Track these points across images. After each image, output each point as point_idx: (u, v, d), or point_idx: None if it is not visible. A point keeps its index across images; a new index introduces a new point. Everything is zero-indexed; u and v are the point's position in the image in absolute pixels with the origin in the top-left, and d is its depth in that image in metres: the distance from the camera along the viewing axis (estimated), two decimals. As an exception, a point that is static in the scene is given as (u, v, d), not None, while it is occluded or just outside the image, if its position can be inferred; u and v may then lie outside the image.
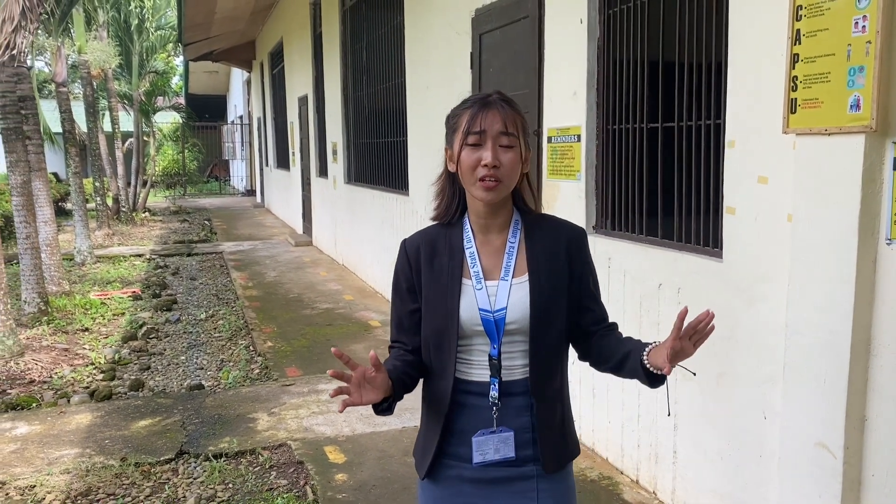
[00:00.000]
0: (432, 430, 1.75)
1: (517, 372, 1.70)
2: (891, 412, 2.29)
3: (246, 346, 6.35)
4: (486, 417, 1.69)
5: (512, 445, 1.69)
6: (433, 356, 1.74)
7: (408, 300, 1.77)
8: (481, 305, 1.67)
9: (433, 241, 1.76)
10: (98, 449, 4.17)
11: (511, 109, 1.68)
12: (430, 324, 1.73)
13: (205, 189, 28.09)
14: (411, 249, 1.78)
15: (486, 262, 1.71)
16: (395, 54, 7.37)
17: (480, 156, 1.64)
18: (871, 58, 2.20)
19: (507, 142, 1.65)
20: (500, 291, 1.68)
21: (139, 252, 11.85)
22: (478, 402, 1.70)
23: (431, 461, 1.74)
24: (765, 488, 2.80)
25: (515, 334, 1.68)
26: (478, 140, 1.65)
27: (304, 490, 3.67)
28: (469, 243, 1.73)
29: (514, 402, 1.70)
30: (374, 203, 8.39)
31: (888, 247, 2.26)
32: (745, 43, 2.79)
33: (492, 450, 1.69)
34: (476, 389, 1.70)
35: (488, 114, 1.65)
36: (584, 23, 3.82)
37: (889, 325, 2.28)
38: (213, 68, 23.34)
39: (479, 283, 1.69)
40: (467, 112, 1.69)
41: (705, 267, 3.06)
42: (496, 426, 1.68)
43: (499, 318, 1.67)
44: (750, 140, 2.78)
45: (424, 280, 1.74)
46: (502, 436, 1.69)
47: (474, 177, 1.65)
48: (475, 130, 1.65)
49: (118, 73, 17.55)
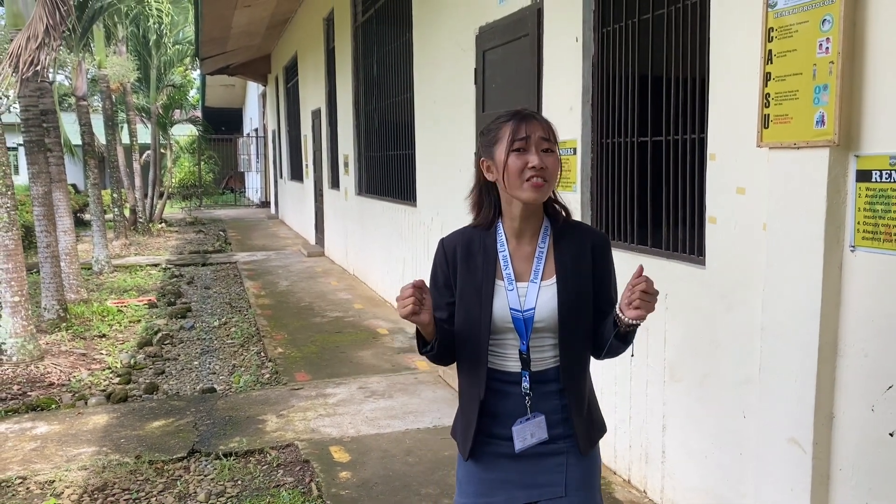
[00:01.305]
0: (470, 413, 1.92)
1: (547, 362, 1.88)
2: (856, 409, 2.43)
3: (257, 352, 6.54)
4: (519, 404, 1.88)
5: (544, 428, 1.87)
6: (466, 348, 1.91)
7: (445, 293, 1.95)
8: (512, 305, 1.85)
9: (469, 242, 1.93)
10: (114, 447, 4.35)
11: (546, 121, 1.86)
12: (463, 318, 1.90)
13: (220, 200, 28.44)
14: (449, 248, 1.95)
15: (518, 265, 1.88)
16: (404, 69, 7.58)
17: (527, 159, 1.79)
18: (833, 77, 2.36)
19: (547, 146, 1.82)
20: (530, 293, 1.86)
21: (155, 262, 12.11)
22: (510, 389, 1.88)
23: (473, 442, 1.91)
24: (744, 485, 2.93)
25: (543, 331, 1.85)
26: (523, 145, 1.80)
27: (310, 487, 3.83)
28: (503, 247, 1.89)
29: (544, 388, 1.88)
30: (384, 214, 8.58)
31: (852, 254, 2.41)
32: (724, 62, 2.96)
33: (529, 435, 1.87)
34: (508, 378, 1.88)
35: (530, 123, 1.82)
36: (580, 41, 3.99)
37: (854, 327, 2.42)
38: (229, 82, 23.70)
39: (511, 285, 1.86)
40: (508, 124, 1.83)
41: (690, 274, 3.22)
42: (530, 413, 1.87)
43: (528, 317, 1.84)
44: (729, 153, 2.94)
45: (460, 277, 1.91)
46: (536, 420, 1.87)
47: (522, 179, 1.80)
48: (521, 137, 1.80)
49: (137, 86, 17.92)
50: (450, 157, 6.19)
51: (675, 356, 3.34)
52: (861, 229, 2.38)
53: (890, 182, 2.28)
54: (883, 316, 2.33)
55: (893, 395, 2.31)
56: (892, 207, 2.28)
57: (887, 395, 2.32)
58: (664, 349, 3.41)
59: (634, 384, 3.65)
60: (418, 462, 4.09)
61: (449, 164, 6.22)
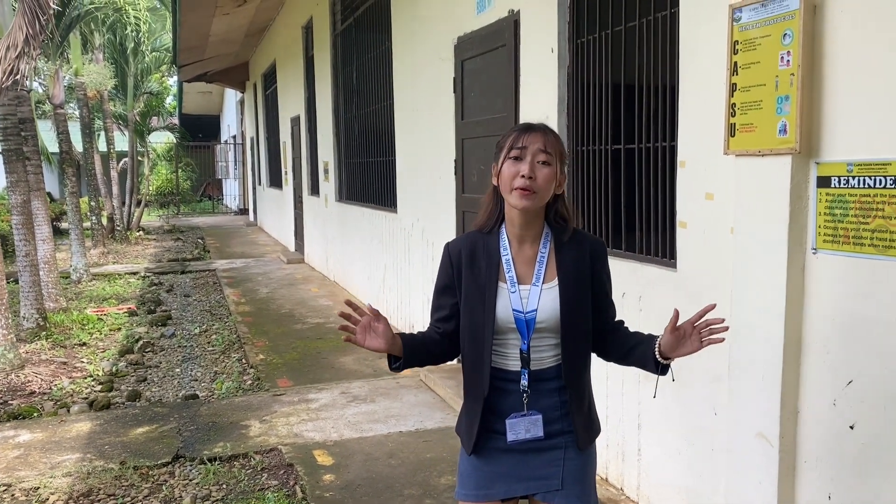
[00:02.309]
0: (474, 410, 2.02)
1: (547, 362, 1.99)
2: (819, 404, 2.55)
3: (239, 359, 6.58)
4: (518, 401, 1.98)
5: (540, 426, 1.98)
6: (470, 347, 2.01)
7: (448, 295, 2.05)
8: (514, 306, 1.95)
9: (473, 246, 2.03)
10: (98, 454, 4.39)
11: (552, 135, 1.96)
12: (468, 319, 2.00)
13: (198, 208, 28.31)
14: (454, 252, 2.05)
15: (520, 268, 1.99)
16: (384, 77, 7.67)
17: (519, 168, 1.90)
18: (794, 88, 2.49)
19: (544, 159, 1.91)
20: (532, 295, 1.96)
21: (134, 270, 12.07)
22: (511, 388, 1.98)
23: (476, 437, 2.01)
24: (716, 479, 3.04)
25: (544, 332, 1.96)
26: (519, 154, 1.91)
27: (294, 489, 3.90)
28: (505, 251, 1.99)
29: (544, 387, 1.99)
30: (364, 220, 8.65)
31: (814, 256, 2.54)
32: (693, 72, 3.08)
33: (523, 430, 1.97)
34: (510, 377, 1.98)
35: (531, 134, 1.93)
36: (555, 52, 4.11)
37: (816, 325, 2.55)
38: (207, 89, 23.63)
39: (514, 287, 1.96)
40: (514, 133, 1.96)
41: (662, 276, 3.33)
42: (526, 410, 1.97)
43: (530, 318, 1.95)
44: (698, 161, 3.06)
45: (465, 280, 2.01)
46: (532, 418, 1.97)
47: (511, 186, 1.91)
48: (518, 146, 1.92)
49: (114, 94, 17.84)
50: (430, 163, 6.29)
51: (649, 356, 3.45)
52: (822, 232, 2.50)
53: (847, 187, 2.40)
54: (843, 314, 2.45)
55: (854, 390, 2.43)
56: (850, 211, 2.40)
57: (848, 390, 2.44)
58: (639, 350, 3.51)
59: (611, 384, 3.75)
60: (401, 464, 4.17)
61: (429, 171, 6.31)
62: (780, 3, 2.53)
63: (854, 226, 2.39)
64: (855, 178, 2.38)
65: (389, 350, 1.97)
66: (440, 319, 2.08)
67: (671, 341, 1.94)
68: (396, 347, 1.98)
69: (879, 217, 2.31)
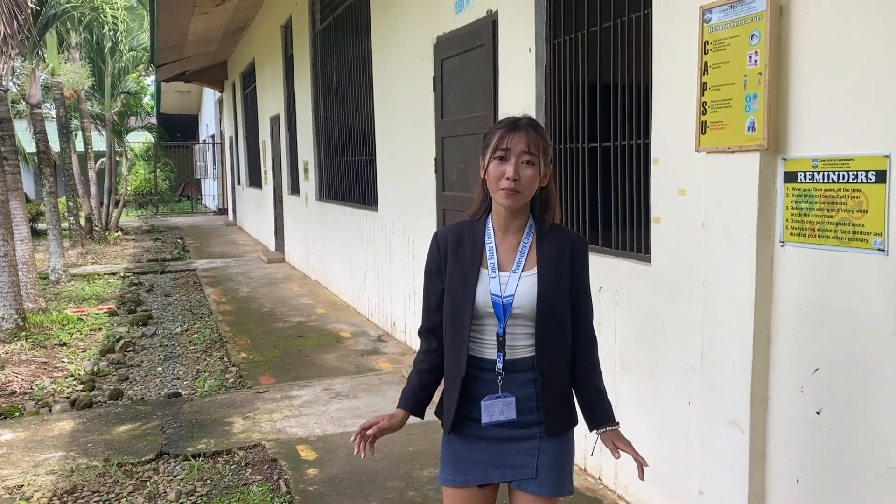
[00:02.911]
0: (451, 395, 2.11)
1: (520, 351, 2.06)
2: (787, 392, 2.65)
3: (220, 358, 6.60)
4: (493, 387, 2.06)
5: (513, 409, 2.05)
6: (450, 332, 2.10)
7: (437, 281, 2.14)
8: (493, 291, 2.03)
9: (460, 234, 2.12)
10: (81, 452, 4.40)
11: (536, 133, 2.02)
12: (450, 302, 2.09)
13: (177, 208, 28.13)
14: (441, 239, 2.14)
15: (503, 256, 2.07)
16: (364, 76, 7.71)
17: (504, 169, 1.98)
18: (762, 87, 2.58)
19: (527, 159, 1.99)
20: (511, 281, 2.04)
21: (113, 270, 12.01)
22: (488, 377, 2.07)
23: (453, 420, 2.11)
24: (690, 467, 3.14)
25: (519, 318, 2.03)
26: (504, 155, 1.99)
27: (278, 484, 3.95)
28: (490, 239, 2.09)
29: (519, 377, 2.06)
30: (345, 219, 8.69)
31: (782, 248, 2.63)
32: (665, 72, 3.17)
33: (497, 412, 2.06)
34: (487, 366, 2.06)
35: (515, 135, 2.00)
36: (533, 52, 4.19)
37: (784, 315, 2.64)
38: (185, 88, 23.49)
39: (494, 273, 2.05)
40: (499, 132, 2.03)
41: (637, 271, 3.42)
42: (500, 392, 2.05)
43: (507, 303, 2.02)
44: (671, 158, 3.15)
45: (450, 265, 2.10)
46: (505, 400, 2.05)
47: (498, 186, 2.00)
48: (502, 147, 1.99)
49: (91, 93, 17.70)
50: (411, 162, 6.35)
51: (624, 348, 3.54)
52: (789, 226, 2.60)
53: (813, 182, 2.50)
54: (809, 304, 2.55)
55: (820, 377, 2.53)
56: (815, 205, 2.50)
57: (815, 377, 2.54)
58: (615, 342, 3.61)
59: (588, 377, 3.83)
60: (384, 458, 4.23)
61: (410, 169, 6.37)
62: (748, 5, 2.62)
63: (819, 219, 2.49)
64: (819, 173, 2.47)
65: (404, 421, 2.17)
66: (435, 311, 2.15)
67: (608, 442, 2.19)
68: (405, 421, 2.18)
69: (843, 210, 2.41)
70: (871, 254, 2.33)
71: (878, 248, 2.31)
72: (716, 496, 2.89)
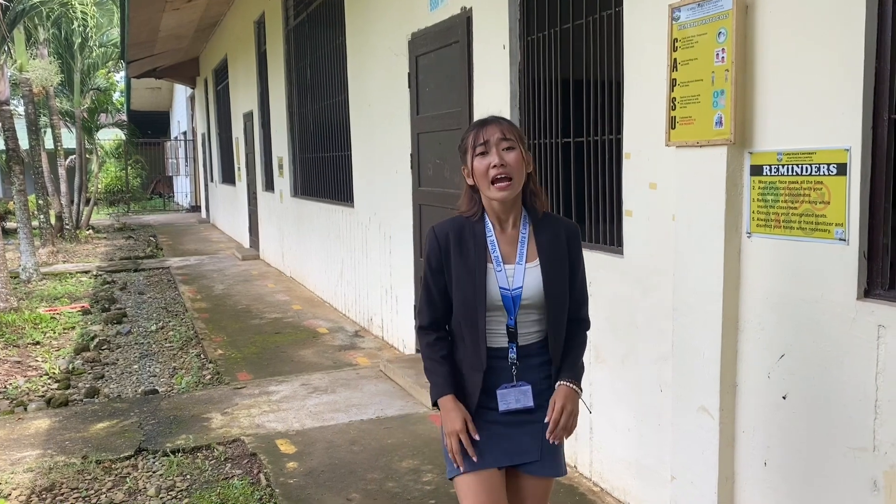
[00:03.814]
0: (473, 383, 2.16)
1: (531, 337, 2.15)
2: (755, 378, 2.74)
3: (197, 355, 6.59)
4: (507, 375, 2.14)
5: (530, 396, 2.14)
6: (463, 328, 2.15)
7: (439, 277, 2.17)
8: (501, 284, 2.10)
9: (460, 229, 2.16)
10: (59, 449, 4.40)
11: (506, 122, 2.12)
12: (461, 300, 2.13)
13: (149, 206, 27.85)
14: (441, 234, 2.16)
15: (504, 248, 2.13)
16: (338, 73, 7.73)
17: (488, 160, 2.04)
18: (728, 83, 2.67)
19: (507, 145, 2.05)
20: (517, 273, 2.11)
21: (85, 269, 11.89)
22: (501, 365, 2.14)
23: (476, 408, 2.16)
24: (663, 452, 3.23)
25: (529, 308, 2.12)
26: (484, 149, 2.06)
27: (258, 478, 3.98)
28: (490, 234, 2.14)
29: (531, 362, 2.16)
30: (321, 215, 8.70)
31: (749, 239, 2.72)
32: (636, 69, 3.25)
33: (513, 399, 2.14)
34: (499, 354, 2.14)
35: (488, 127, 2.08)
36: (507, 48, 4.25)
37: (751, 304, 2.74)
38: (156, 84, 23.27)
39: (499, 266, 2.11)
40: (472, 131, 2.11)
41: (610, 263, 3.50)
42: (516, 381, 2.14)
43: (516, 295, 2.10)
44: (642, 152, 3.23)
45: (454, 261, 2.13)
46: (521, 388, 2.14)
47: (488, 180, 2.06)
48: (480, 142, 2.07)
49: (60, 90, 17.46)
50: (386, 158, 6.38)
51: (598, 339, 3.62)
52: (755, 217, 2.69)
53: (778, 175, 2.59)
54: (775, 293, 2.64)
55: (786, 363, 2.62)
56: (780, 197, 2.59)
57: (781, 363, 2.64)
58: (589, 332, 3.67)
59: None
60: (363, 450, 4.28)
61: (386, 165, 6.41)
62: (715, 4, 2.71)
63: (784, 210, 2.58)
64: (784, 166, 2.57)
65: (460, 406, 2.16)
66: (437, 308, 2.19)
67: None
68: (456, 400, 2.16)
69: (806, 202, 2.50)
70: (833, 243, 2.42)
71: (839, 237, 2.40)
72: (687, 480, 2.98)
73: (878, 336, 2.30)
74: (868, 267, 2.36)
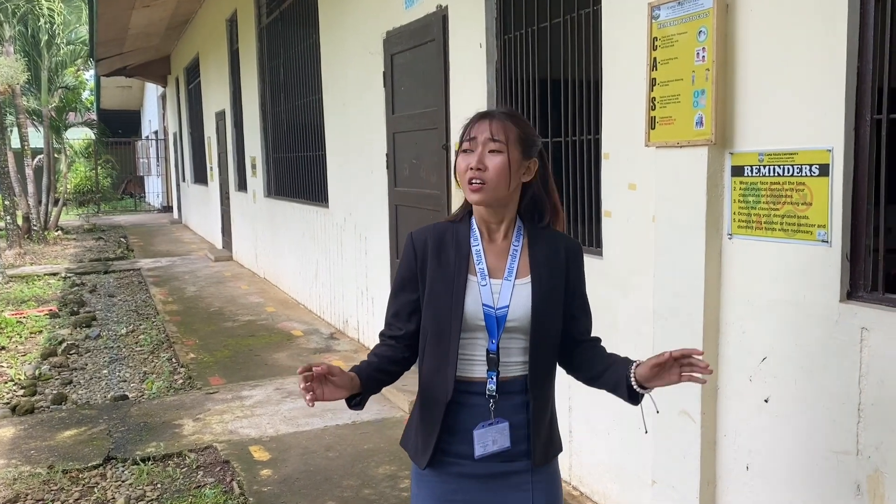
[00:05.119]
0: (430, 426, 1.82)
1: (514, 369, 1.81)
2: (736, 381, 2.72)
3: (168, 359, 6.45)
4: (482, 413, 1.79)
5: (507, 436, 1.79)
6: (432, 348, 1.82)
7: (409, 289, 1.87)
8: (485, 301, 1.78)
9: (441, 235, 1.86)
10: (24, 459, 4.26)
11: (503, 120, 1.80)
12: (432, 314, 1.81)
13: (119, 206, 27.41)
14: (419, 241, 1.87)
15: (492, 261, 1.83)
16: (312, 71, 7.62)
17: (469, 161, 1.78)
18: (709, 83, 2.63)
19: (494, 147, 1.76)
20: (504, 290, 1.79)
21: (54, 271, 11.64)
22: (474, 401, 1.79)
23: (431, 456, 1.82)
24: (644, 456, 3.19)
25: (514, 332, 1.79)
26: (469, 147, 1.79)
27: (231, 486, 3.88)
28: (476, 241, 1.84)
29: (511, 400, 1.81)
30: (295, 216, 8.59)
31: (730, 241, 2.69)
32: (615, 68, 3.21)
33: (490, 441, 1.79)
34: (476, 389, 1.79)
35: (481, 124, 1.80)
36: (484, 47, 4.19)
37: (733, 306, 2.71)
38: (126, 83, 22.92)
39: (484, 280, 1.80)
40: (466, 124, 1.84)
41: (589, 264, 3.41)
42: (493, 417, 1.79)
43: (500, 315, 1.78)
44: (621, 153, 3.19)
45: (430, 271, 1.83)
46: (498, 427, 1.79)
47: (465, 180, 1.78)
48: (467, 139, 1.80)
49: (27, 88, 17.11)
50: (362, 158, 6.30)
51: (578, 342, 3.57)
52: (736, 219, 2.66)
53: (759, 176, 2.56)
54: (757, 295, 2.61)
55: (768, 366, 2.59)
56: (761, 198, 2.56)
57: (762, 367, 2.61)
58: (569, 336, 3.64)
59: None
60: (339, 456, 4.20)
61: (361, 165, 6.32)
62: (696, 2, 2.67)
63: (766, 212, 2.55)
64: (766, 167, 2.54)
65: (350, 392, 1.78)
66: (400, 319, 1.88)
67: (648, 373, 1.76)
68: (355, 386, 1.79)
69: (788, 203, 2.48)
70: (815, 245, 2.39)
71: (822, 239, 2.38)
72: (668, 485, 2.95)
73: (861, 338, 2.27)
74: (851, 269, 2.34)
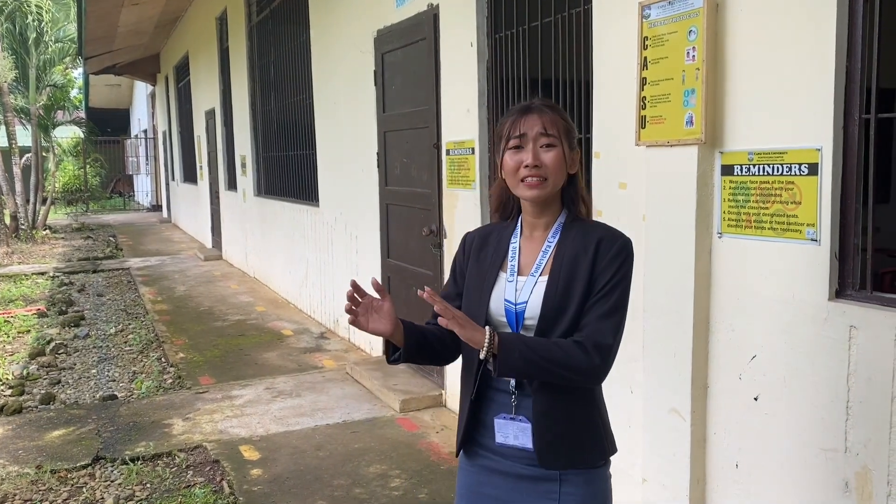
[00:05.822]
0: (462, 414, 1.87)
1: None
2: (726, 380, 2.73)
3: (158, 358, 6.42)
4: (506, 408, 1.78)
5: (529, 437, 1.75)
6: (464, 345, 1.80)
7: (452, 284, 1.94)
8: (507, 296, 1.78)
9: (487, 235, 1.91)
10: (11, 459, 4.23)
11: (551, 113, 1.76)
12: (465, 308, 1.84)
13: (108, 205, 27.27)
14: (469, 240, 1.94)
15: (525, 258, 1.81)
16: (302, 70, 7.60)
17: (521, 158, 1.73)
18: (699, 82, 2.64)
19: (547, 142, 1.73)
20: (526, 286, 1.77)
21: (42, 270, 11.57)
22: (500, 398, 1.79)
23: (462, 444, 1.88)
24: (634, 455, 3.19)
25: (532, 328, 1.75)
26: (518, 143, 1.74)
27: (221, 486, 3.87)
28: (515, 239, 1.84)
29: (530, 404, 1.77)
30: (285, 215, 8.57)
31: (720, 239, 2.70)
32: (605, 67, 3.21)
33: (511, 435, 1.78)
34: (501, 386, 1.78)
35: (528, 118, 1.74)
36: (474, 46, 4.19)
37: (722, 305, 2.72)
38: (115, 81, 22.76)
39: (512, 276, 1.79)
40: (510, 119, 1.78)
41: (580, 263, 3.46)
42: (514, 413, 1.77)
43: (520, 311, 1.76)
44: (612, 152, 3.20)
45: (470, 268, 1.89)
46: (521, 425, 1.76)
47: (517, 178, 1.75)
48: (515, 135, 1.74)
49: (14, 86, 16.99)
50: (352, 157, 6.29)
51: (569, 340, 3.58)
52: (726, 217, 2.67)
53: (749, 175, 2.57)
54: (746, 294, 2.62)
55: (757, 364, 2.60)
56: (751, 197, 2.57)
57: (752, 364, 2.62)
58: (559, 334, 3.64)
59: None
60: (329, 456, 4.19)
61: (352, 164, 6.31)
62: (686, 2, 2.68)
63: (755, 210, 2.56)
64: (755, 166, 2.55)
65: (392, 336, 1.77)
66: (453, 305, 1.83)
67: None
68: (399, 335, 1.78)
69: (777, 202, 2.49)
70: (804, 244, 2.41)
71: (811, 238, 2.39)
72: (658, 483, 2.95)
73: (849, 337, 2.29)
74: (840, 267, 2.36)
